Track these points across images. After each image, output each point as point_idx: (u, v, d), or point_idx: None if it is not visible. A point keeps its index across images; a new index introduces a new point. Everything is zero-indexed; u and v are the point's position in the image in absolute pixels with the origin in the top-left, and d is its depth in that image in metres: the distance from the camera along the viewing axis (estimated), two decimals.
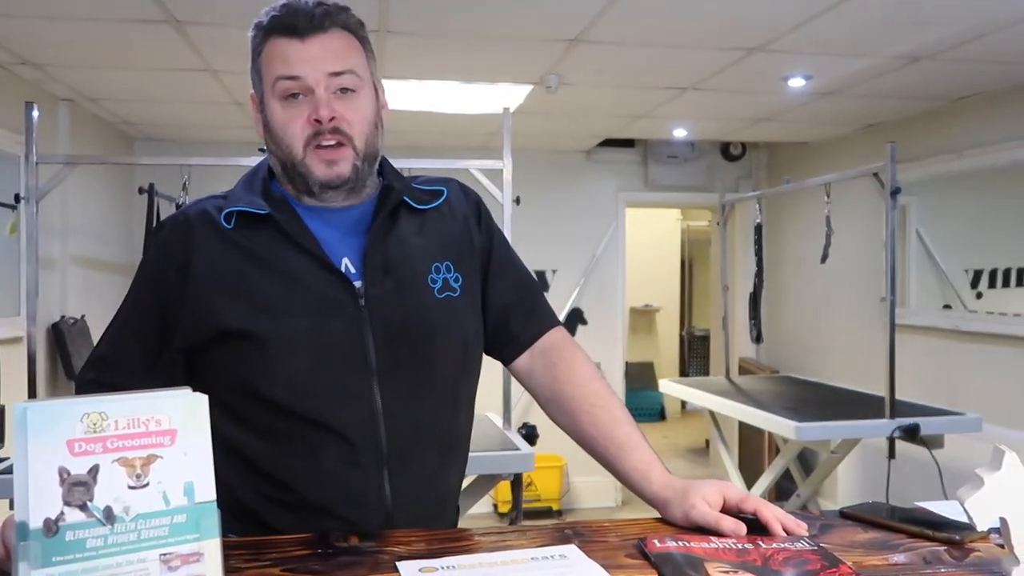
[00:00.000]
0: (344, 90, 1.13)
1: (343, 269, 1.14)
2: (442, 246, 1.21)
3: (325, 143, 1.12)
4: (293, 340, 1.10)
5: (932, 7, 2.57)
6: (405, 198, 1.20)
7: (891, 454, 2.93)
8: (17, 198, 2.75)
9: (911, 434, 2.86)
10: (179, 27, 2.75)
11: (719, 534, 1.02)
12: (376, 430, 1.12)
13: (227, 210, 1.15)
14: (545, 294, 1.35)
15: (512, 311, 1.28)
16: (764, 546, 0.98)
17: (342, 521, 1.11)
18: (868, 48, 3.02)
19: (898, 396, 2.99)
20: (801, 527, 1.04)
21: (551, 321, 1.31)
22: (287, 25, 1.12)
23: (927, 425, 2.92)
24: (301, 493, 1.12)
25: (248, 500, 1.14)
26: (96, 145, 4.23)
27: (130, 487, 0.79)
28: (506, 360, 1.31)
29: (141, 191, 3.79)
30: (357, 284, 1.13)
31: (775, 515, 1.04)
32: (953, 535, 1.02)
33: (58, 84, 3.53)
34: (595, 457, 1.22)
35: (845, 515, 1.14)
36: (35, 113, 2.65)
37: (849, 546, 1.01)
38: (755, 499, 1.07)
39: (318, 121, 1.11)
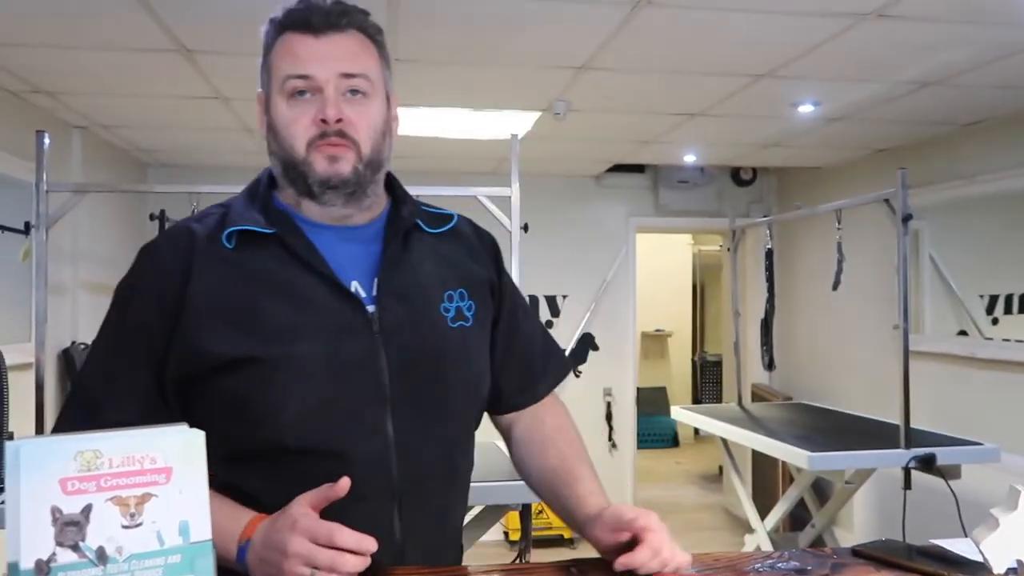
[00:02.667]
0: (354, 92, 1.09)
1: (353, 292, 1.09)
2: (454, 273, 1.17)
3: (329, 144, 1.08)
4: (306, 365, 1.03)
5: (940, 33, 2.56)
6: (417, 221, 1.17)
7: (907, 484, 2.87)
8: (27, 226, 2.76)
9: (927, 464, 2.81)
10: (189, 56, 2.77)
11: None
12: (388, 462, 1.06)
13: (228, 230, 1.08)
14: (556, 318, 1.34)
15: (515, 369, 1.26)
16: None
17: None
18: (877, 74, 3.01)
19: (913, 424, 2.94)
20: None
21: (549, 385, 1.30)
22: (302, 20, 1.07)
23: (943, 455, 2.87)
24: None
25: None
26: (109, 171, 4.26)
27: (124, 526, 0.77)
28: (492, 411, 1.29)
29: (152, 217, 3.82)
30: (370, 309, 1.08)
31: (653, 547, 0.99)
32: None
33: (71, 111, 3.56)
34: (543, 494, 1.23)
35: (858, 553, 1.11)
36: (46, 141, 2.67)
37: None
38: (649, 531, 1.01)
39: (324, 121, 1.06)
